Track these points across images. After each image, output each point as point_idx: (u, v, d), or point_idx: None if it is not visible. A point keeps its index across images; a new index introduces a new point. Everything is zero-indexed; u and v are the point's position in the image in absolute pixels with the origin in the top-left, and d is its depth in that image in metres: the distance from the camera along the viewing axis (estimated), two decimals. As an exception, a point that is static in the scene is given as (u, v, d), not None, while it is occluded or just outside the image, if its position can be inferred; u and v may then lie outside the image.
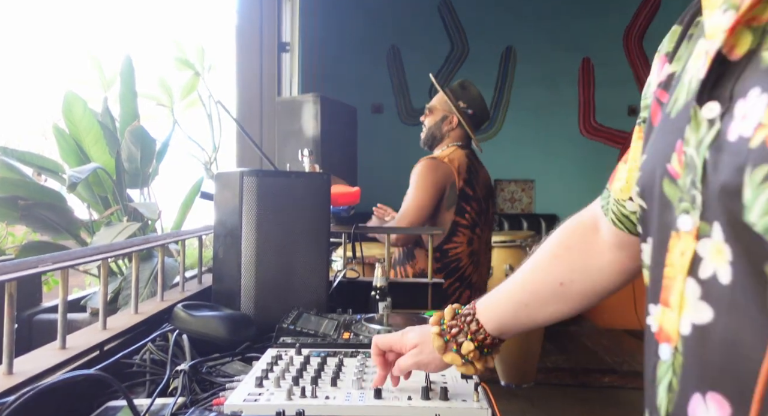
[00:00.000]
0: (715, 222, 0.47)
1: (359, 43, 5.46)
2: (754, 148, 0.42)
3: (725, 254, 0.45)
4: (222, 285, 1.52)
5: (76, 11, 5.80)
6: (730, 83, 0.47)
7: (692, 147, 0.50)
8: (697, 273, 0.48)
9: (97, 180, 2.92)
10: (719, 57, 0.48)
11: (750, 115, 0.44)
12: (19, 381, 0.91)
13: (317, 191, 1.51)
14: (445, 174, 2.36)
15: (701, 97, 0.49)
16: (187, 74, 3.87)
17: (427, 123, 2.50)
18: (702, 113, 0.49)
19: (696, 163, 0.49)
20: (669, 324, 0.51)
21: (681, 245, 0.50)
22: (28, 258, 1.03)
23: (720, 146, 0.46)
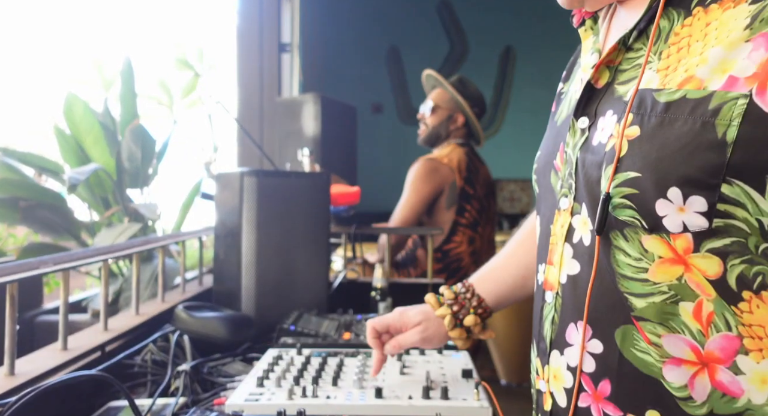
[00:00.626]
0: (583, 202, 0.65)
1: (359, 43, 5.46)
2: (607, 151, 0.61)
3: (588, 225, 0.65)
4: (223, 286, 1.52)
5: (76, 12, 5.80)
6: (595, 104, 0.66)
7: (570, 148, 0.69)
8: (572, 239, 0.67)
9: (97, 180, 2.92)
10: (589, 85, 0.67)
11: (606, 128, 0.63)
12: (21, 381, 0.91)
13: (317, 191, 1.52)
14: (444, 175, 2.34)
15: (577, 112, 0.68)
16: (187, 74, 3.88)
17: (431, 122, 2.47)
18: (577, 124, 0.68)
19: (572, 160, 0.68)
20: (552, 277, 0.71)
21: (561, 219, 0.69)
22: (30, 260, 1.03)
23: (587, 148, 0.65)
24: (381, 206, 4.36)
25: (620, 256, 0.60)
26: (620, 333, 0.61)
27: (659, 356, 0.59)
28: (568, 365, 0.67)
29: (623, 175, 0.59)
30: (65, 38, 5.99)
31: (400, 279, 2.07)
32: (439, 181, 2.34)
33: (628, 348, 0.61)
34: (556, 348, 0.70)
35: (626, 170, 0.58)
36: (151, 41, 6.12)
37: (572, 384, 0.67)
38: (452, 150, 2.41)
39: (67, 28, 5.79)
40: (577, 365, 0.65)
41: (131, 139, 2.95)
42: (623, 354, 0.61)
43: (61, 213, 2.80)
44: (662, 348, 0.58)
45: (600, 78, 0.67)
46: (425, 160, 2.39)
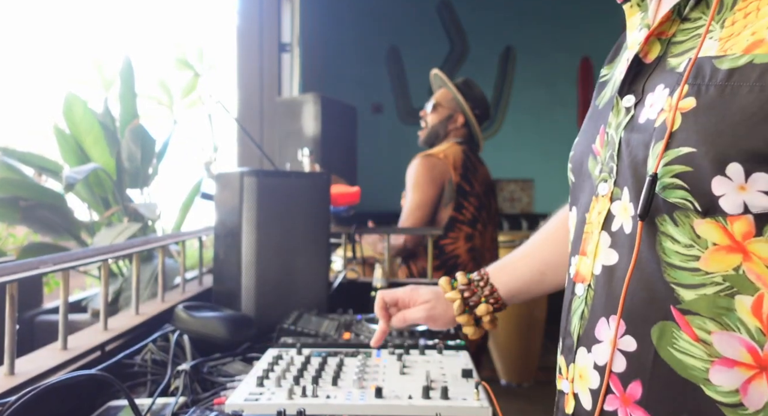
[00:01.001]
0: (624, 187, 0.60)
1: (359, 43, 5.46)
2: (657, 127, 0.56)
3: (629, 210, 0.59)
4: (222, 286, 1.52)
5: (76, 12, 5.80)
6: (643, 80, 0.61)
7: (612, 128, 0.63)
8: (610, 228, 0.61)
9: (97, 180, 2.92)
10: (636, 60, 0.62)
11: (656, 104, 0.58)
12: (20, 381, 0.91)
13: (317, 191, 1.52)
14: (442, 170, 2.34)
15: (622, 90, 0.63)
16: (187, 74, 3.88)
17: (431, 120, 2.46)
18: (622, 103, 0.63)
19: (614, 141, 0.62)
20: (584, 268, 0.65)
21: (599, 206, 0.64)
22: (29, 260, 1.03)
23: (632, 127, 0.60)
24: (381, 206, 4.37)
25: (667, 243, 0.55)
26: (657, 329, 0.55)
27: (707, 355, 0.52)
28: (595, 363, 0.62)
29: (675, 151, 0.53)
30: (65, 38, 5.99)
31: (400, 279, 2.06)
32: (440, 178, 2.34)
33: (665, 347, 0.55)
34: (583, 345, 0.64)
35: (678, 146, 0.53)
36: (151, 41, 6.13)
37: (599, 385, 0.61)
38: (449, 147, 2.41)
39: (67, 28, 5.80)
40: (606, 363, 0.59)
41: (131, 139, 2.95)
42: (659, 353, 0.55)
43: (60, 213, 2.80)
44: (712, 347, 0.52)
45: (650, 51, 0.61)
46: (422, 157, 2.38)
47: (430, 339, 1.26)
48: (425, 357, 1.15)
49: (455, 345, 1.22)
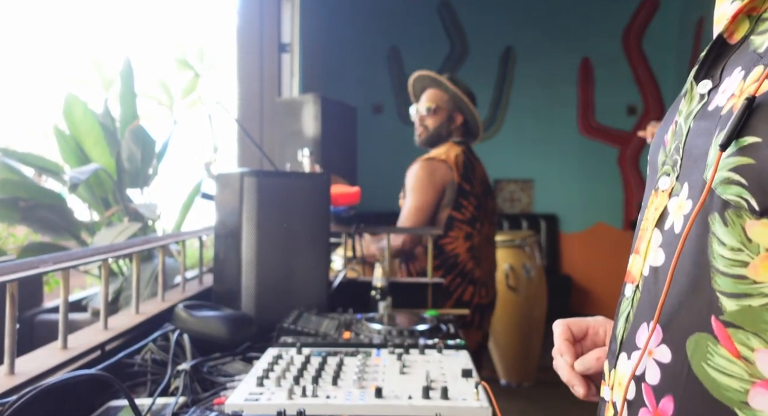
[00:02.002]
0: (685, 182, 0.54)
1: (359, 43, 5.46)
2: (723, 115, 0.50)
3: (684, 208, 0.53)
4: (222, 286, 1.52)
5: (76, 12, 5.80)
6: (722, 64, 0.54)
7: (682, 117, 0.57)
8: (663, 225, 0.56)
9: (97, 180, 2.93)
10: (719, 40, 0.54)
11: (728, 89, 0.51)
12: (21, 381, 0.91)
13: (317, 191, 1.52)
14: (443, 173, 2.35)
15: (698, 75, 0.56)
16: (187, 75, 3.88)
17: (432, 123, 2.46)
18: (697, 89, 0.55)
19: (682, 131, 0.56)
20: (635, 267, 0.59)
21: (657, 201, 0.58)
22: (30, 259, 1.03)
23: (702, 116, 0.53)
24: (381, 206, 4.37)
25: (716, 245, 0.49)
26: (693, 341, 0.49)
27: (748, 375, 0.46)
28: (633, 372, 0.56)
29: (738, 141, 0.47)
30: (65, 38, 5.99)
31: (400, 279, 2.07)
32: (441, 182, 2.34)
33: (698, 362, 0.49)
34: (624, 351, 0.58)
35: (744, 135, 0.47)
36: (151, 41, 6.13)
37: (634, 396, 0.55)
38: (449, 148, 2.42)
39: (67, 28, 5.80)
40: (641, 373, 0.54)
41: (131, 140, 2.96)
42: (692, 368, 0.49)
43: (60, 213, 2.80)
44: (754, 366, 0.46)
45: (736, 30, 0.53)
46: (424, 162, 2.39)
47: (430, 339, 1.26)
48: (425, 356, 1.15)
49: (455, 344, 1.22)
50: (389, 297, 1.58)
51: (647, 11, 5.41)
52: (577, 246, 5.51)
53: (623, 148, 5.47)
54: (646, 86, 5.44)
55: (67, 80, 4.34)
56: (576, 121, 5.49)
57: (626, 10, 5.44)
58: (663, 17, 5.35)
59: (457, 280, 2.33)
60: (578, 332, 0.74)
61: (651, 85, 5.43)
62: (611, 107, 5.46)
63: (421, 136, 2.48)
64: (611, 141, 5.48)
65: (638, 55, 5.44)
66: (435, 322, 1.38)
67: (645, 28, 5.42)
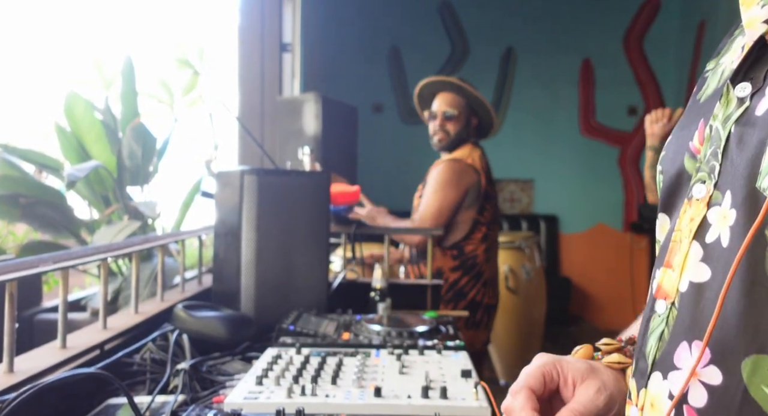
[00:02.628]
0: (727, 190, 0.50)
1: (360, 43, 5.46)
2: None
3: (729, 219, 0.50)
4: (222, 286, 1.52)
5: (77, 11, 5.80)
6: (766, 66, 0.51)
7: (719, 121, 0.53)
8: (704, 238, 0.52)
9: (98, 178, 2.93)
10: (761, 42, 0.52)
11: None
12: (20, 379, 0.91)
13: (317, 190, 1.51)
14: (470, 176, 2.39)
15: (736, 77, 0.53)
16: (188, 73, 3.88)
17: (454, 128, 2.48)
18: (734, 92, 0.53)
19: (721, 135, 0.52)
20: (668, 283, 0.55)
21: (691, 211, 0.54)
22: (29, 258, 1.03)
23: (747, 121, 0.50)
24: (381, 205, 4.36)
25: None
26: (750, 363, 0.47)
27: None
28: (670, 393, 0.53)
29: None
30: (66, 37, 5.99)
31: (400, 280, 2.07)
32: (465, 184, 2.39)
33: (757, 385, 0.46)
34: (658, 370, 0.55)
35: None
36: (152, 40, 6.13)
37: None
38: (471, 151, 2.46)
39: (68, 27, 5.80)
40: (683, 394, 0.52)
41: (132, 137, 2.95)
42: (749, 390, 0.46)
43: (60, 210, 2.80)
44: None
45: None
46: (451, 162, 2.41)
47: (429, 340, 1.26)
48: (424, 357, 1.15)
49: (454, 345, 1.22)
50: (388, 298, 1.58)
51: (648, 12, 5.40)
52: (577, 247, 5.50)
53: (624, 148, 5.47)
54: (646, 87, 5.44)
55: (68, 79, 4.34)
56: (577, 122, 5.49)
57: (627, 11, 5.44)
58: (664, 19, 5.34)
59: (472, 282, 2.37)
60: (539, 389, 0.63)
61: (652, 85, 5.43)
62: (612, 108, 5.45)
63: (443, 142, 2.49)
64: (612, 141, 5.48)
65: (639, 56, 5.44)
66: (434, 323, 1.38)
67: (646, 29, 5.42)
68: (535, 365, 0.64)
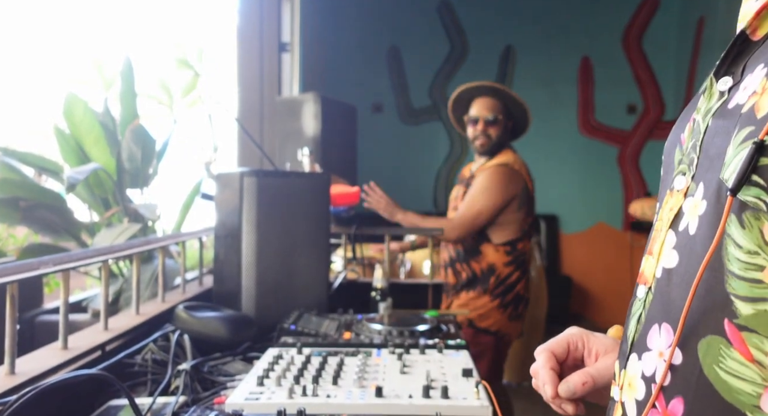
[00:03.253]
0: (700, 182, 0.53)
1: (359, 43, 5.46)
2: (744, 113, 0.49)
3: (699, 208, 0.52)
4: (223, 287, 1.52)
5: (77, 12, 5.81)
6: (745, 60, 0.53)
7: (701, 114, 0.56)
8: (677, 226, 0.55)
9: (97, 180, 2.92)
10: (742, 36, 0.53)
11: (749, 86, 0.50)
12: (21, 380, 0.91)
13: (317, 191, 1.52)
14: (519, 181, 2.46)
15: (719, 71, 0.55)
16: (187, 74, 3.88)
17: (495, 132, 2.52)
18: (717, 86, 0.55)
19: (700, 129, 0.55)
20: (648, 269, 0.59)
21: (672, 202, 0.57)
22: (30, 260, 1.03)
23: (721, 113, 0.52)
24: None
25: (731, 248, 0.48)
26: (705, 344, 0.50)
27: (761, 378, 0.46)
28: (643, 373, 0.56)
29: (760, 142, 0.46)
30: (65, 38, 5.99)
31: (401, 280, 2.06)
32: (513, 189, 2.45)
33: (710, 365, 0.49)
34: (635, 352, 0.59)
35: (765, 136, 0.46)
36: (152, 41, 6.13)
37: (644, 397, 0.56)
38: (512, 156, 2.52)
39: (68, 28, 5.80)
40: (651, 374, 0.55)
41: (131, 139, 2.95)
42: (703, 370, 0.49)
43: (61, 213, 2.80)
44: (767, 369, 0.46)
45: (759, 26, 0.53)
46: (501, 167, 2.47)
47: (431, 339, 1.26)
48: (425, 356, 1.15)
49: (455, 344, 1.22)
50: (389, 298, 1.58)
51: (648, 10, 5.40)
52: (578, 246, 5.50)
53: (623, 147, 5.46)
54: (646, 85, 5.43)
55: (67, 80, 4.34)
56: (576, 120, 5.49)
57: (626, 9, 5.44)
58: (663, 16, 5.34)
59: (521, 277, 2.50)
60: (561, 354, 0.71)
61: (651, 84, 5.43)
62: (611, 106, 5.45)
63: (485, 146, 2.53)
64: (611, 140, 5.48)
65: (638, 54, 5.44)
66: (435, 323, 1.38)
67: (645, 27, 5.41)
68: (564, 334, 0.71)
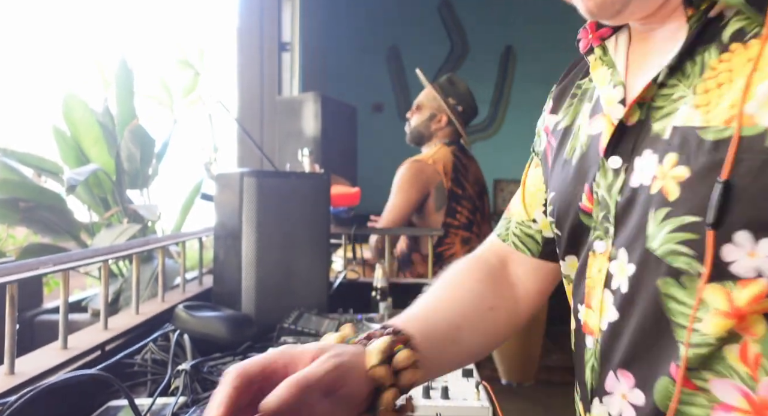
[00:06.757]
0: (621, 248, 0.62)
1: (359, 42, 5.46)
2: (653, 194, 0.57)
3: (626, 271, 0.61)
4: (223, 287, 1.52)
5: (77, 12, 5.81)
6: (630, 144, 0.62)
7: (603, 190, 0.64)
8: (611, 286, 0.63)
9: (96, 181, 2.92)
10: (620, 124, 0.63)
11: (646, 169, 0.59)
12: (20, 381, 0.91)
13: (317, 191, 1.51)
14: (428, 177, 2.32)
15: (607, 152, 0.64)
16: (187, 74, 3.88)
17: (414, 121, 2.44)
18: (608, 164, 0.64)
19: (608, 203, 0.63)
20: (592, 321, 0.67)
21: (597, 263, 0.66)
22: (29, 260, 1.03)
23: (626, 191, 0.61)
24: (381, 206, 4.35)
25: (672, 304, 0.57)
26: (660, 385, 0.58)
27: (707, 401, 0.55)
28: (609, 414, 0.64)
29: (678, 219, 0.55)
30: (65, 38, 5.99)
31: (401, 280, 2.06)
32: (424, 183, 2.32)
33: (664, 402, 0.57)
34: (596, 396, 0.66)
35: (681, 214, 0.54)
36: (152, 41, 6.13)
37: None
38: (438, 150, 2.39)
39: (67, 28, 5.80)
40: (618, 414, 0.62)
41: (131, 140, 2.95)
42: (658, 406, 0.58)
43: (60, 213, 2.80)
44: (710, 393, 0.55)
45: (631, 115, 0.63)
46: (410, 162, 2.38)
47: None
48: (425, 356, 1.15)
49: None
50: (390, 298, 1.58)
51: (647, 10, 5.40)
52: (578, 245, 5.50)
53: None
54: (646, 85, 5.44)
55: (66, 80, 4.34)
56: (576, 121, 5.49)
57: (626, 9, 5.43)
58: (663, 16, 5.34)
59: None
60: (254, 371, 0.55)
61: (651, 84, 5.43)
62: (611, 106, 5.45)
63: (408, 134, 2.47)
64: (611, 140, 5.48)
65: (638, 55, 5.44)
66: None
67: (645, 27, 5.42)
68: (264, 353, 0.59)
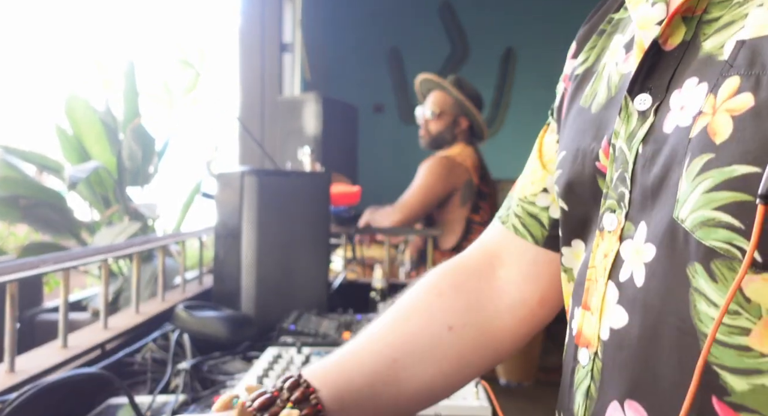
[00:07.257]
0: (641, 222, 0.44)
1: (360, 43, 5.46)
2: (693, 138, 0.39)
3: (644, 254, 0.43)
4: (223, 286, 1.52)
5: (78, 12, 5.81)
6: (666, 74, 0.44)
7: (622, 140, 0.47)
8: (618, 277, 0.45)
9: (98, 179, 2.93)
10: (654, 47, 0.46)
11: (688, 106, 0.41)
12: (21, 379, 0.91)
13: (318, 190, 1.52)
14: (459, 173, 2.38)
15: (633, 88, 0.46)
16: (189, 73, 3.89)
17: (435, 127, 2.47)
18: (633, 105, 0.46)
19: (627, 158, 0.46)
20: (589, 328, 0.49)
21: (604, 246, 0.48)
22: (30, 259, 1.03)
23: (655, 139, 0.44)
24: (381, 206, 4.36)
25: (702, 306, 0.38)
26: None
27: None
28: None
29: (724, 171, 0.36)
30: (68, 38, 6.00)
31: (400, 280, 2.07)
32: (453, 181, 2.38)
33: None
34: None
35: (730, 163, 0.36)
36: (153, 41, 6.13)
37: None
38: (463, 149, 2.45)
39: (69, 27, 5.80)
40: None
41: (132, 138, 2.95)
42: None
43: (61, 211, 2.80)
44: None
45: (672, 35, 0.45)
46: (441, 158, 2.42)
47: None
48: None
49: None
50: (389, 298, 1.58)
51: (649, 12, 5.40)
52: (578, 246, 5.50)
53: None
54: (647, 87, 5.44)
55: (68, 79, 4.35)
56: (577, 122, 5.49)
57: (627, 10, 5.44)
58: (664, 18, 5.35)
59: None
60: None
61: (652, 85, 5.43)
62: (612, 108, 5.45)
63: (425, 140, 2.51)
64: (612, 141, 5.48)
65: (639, 56, 5.44)
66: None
67: (646, 28, 5.41)
68: None
